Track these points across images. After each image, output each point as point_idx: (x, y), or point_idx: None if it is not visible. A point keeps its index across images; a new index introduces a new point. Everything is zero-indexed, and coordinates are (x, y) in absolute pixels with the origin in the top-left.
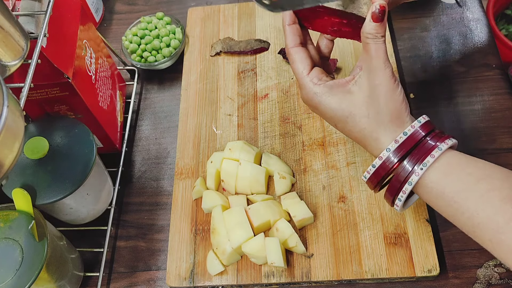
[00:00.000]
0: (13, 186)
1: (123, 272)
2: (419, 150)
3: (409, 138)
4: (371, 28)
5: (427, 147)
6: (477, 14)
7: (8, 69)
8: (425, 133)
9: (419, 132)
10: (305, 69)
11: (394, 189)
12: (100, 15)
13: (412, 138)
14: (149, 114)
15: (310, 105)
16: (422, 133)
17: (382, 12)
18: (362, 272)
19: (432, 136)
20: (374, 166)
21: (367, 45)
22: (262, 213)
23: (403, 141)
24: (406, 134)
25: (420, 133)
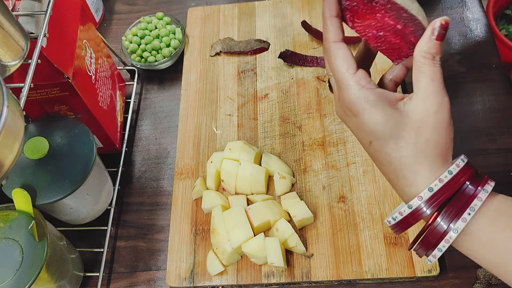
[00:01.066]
0: (13, 186)
1: (123, 272)
2: (459, 198)
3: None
4: (431, 47)
5: (468, 193)
6: (477, 14)
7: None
8: (467, 177)
9: (461, 176)
10: (351, 67)
11: (429, 244)
12: (100, 15)
13: (453, 182)
14: (149, 114)
15: (349, 111)
16: (464, 177)
17: (446, 29)
18: (362, 272)
19: (471, 180)
20: (402, 214)
21: (424, 66)
22: (262, 213)
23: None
24: (451, 173)
25: (461, 177)
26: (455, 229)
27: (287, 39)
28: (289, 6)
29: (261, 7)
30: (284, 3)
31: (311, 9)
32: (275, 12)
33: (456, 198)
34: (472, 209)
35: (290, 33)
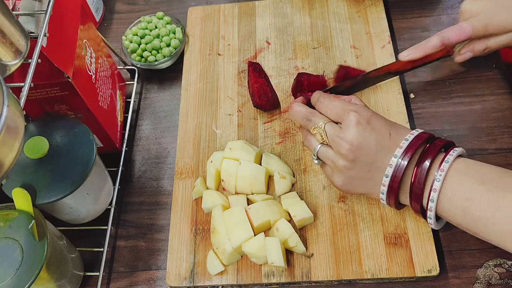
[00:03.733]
0: (13, 185)
1: (123, 272)
2: (430, 148)
3: (414, 140)
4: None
5: (437, 145)
6: None
7: (8, 68)
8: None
9: (422, 135)
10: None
11: (417, 195)
12: (100, 14)
13: (417, 139)
14: (149, 113)
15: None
16: (425, 135)
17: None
18: (362, 272)
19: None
20: (387, 175)
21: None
22: (262, 213)
23: (408, 143)
24: (407, 140)
25: (423, 135)
26: (438, 178)
27: (287, 39)
28: (289, 5)
29: (261, 7)
30: (284, 3)
31: (312, 8)
32: (276, 12)
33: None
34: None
35: (291, 33)
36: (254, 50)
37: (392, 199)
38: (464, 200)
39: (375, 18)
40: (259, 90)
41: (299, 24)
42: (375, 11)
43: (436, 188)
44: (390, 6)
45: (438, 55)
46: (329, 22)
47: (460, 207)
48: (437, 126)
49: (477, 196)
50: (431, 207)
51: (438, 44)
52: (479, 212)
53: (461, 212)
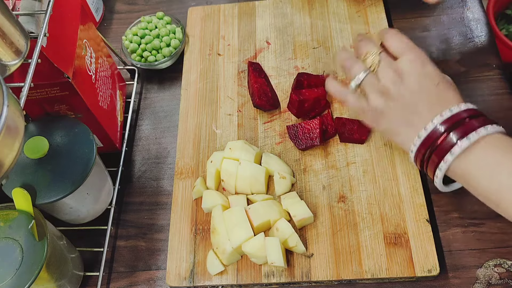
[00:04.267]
0: (13, 185)
1: (123, 272)
2: (463, 126)
3: (454, 116)
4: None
5: (473, 125)
6: (478, 14)
7: (8, 68)
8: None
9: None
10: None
11: (437, 159)
12: (100, 14)
13: (456, 115)
14: (149, 113)
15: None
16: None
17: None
18: (362, 272)
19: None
20: (420, 137)
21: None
22: (262, 213)
23: (448, 117)
24: (451, 111)
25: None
26: (460, 145)
27: (287, 39)
28: (289, 5)
29: (261, 7)
30: (284, 3)
31: (312, 8)
32: (276, 12)
33: (463, 125)
34: (478, 132)
35: (291, 33)
36: (254, 50)
37: (419, 160)
38: (495, 164)
39: (375, 18)
40: (259, 90)
41: (299, 24)
42: (375, 11)
43: (454, 152)
44: (390, 6)
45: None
46: (329, 22)
47: (488, 171)
48: None
49: (509, 163)
50: (442, 167)
51: None
52: (507, 178)
53: (487, 176)
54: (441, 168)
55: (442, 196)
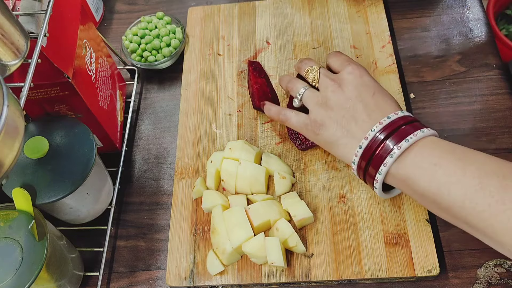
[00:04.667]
0: (13, 185)
1: (123, 272)
2: (402, 131)
3: (392, 123)
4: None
5: (409, 130)
6: (477, 14)
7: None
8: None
9: (400, 119)
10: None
11: (377, 165)
12: (100, 14)
13: (394, 122)
14: (149, 113)
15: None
16: (402, 121)
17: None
18: (362, 272)
19: (411, 125)
20: (361, 147)
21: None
22: (262, 213)
23: (387, 124)
24: (389, 118)
25: (400, 120)
26: (399, 146)
27: (287, 39)
28: (289, 5)
29: (261, 7)
30: (284, 3)
31: (312, 8)
32: (276, 12)
33: (399, 131)
34: (415, 134)
35: (291, 33)
36: (254, 50)
37: (361, 170)
38: (432, 165)
39: (375, 18)
40: (259, 91)
41: (299, 24)
42: (375, 11)
43: (394, 155)
44: (390, 6)
45: None
46: (329, 22)
47: (427, 171)
48: (437, 126)
49: (445, 163)
50: (382, 171)
51: None
52: (445, 177)
53: (426, 177)
54: (381, 172)
55: None
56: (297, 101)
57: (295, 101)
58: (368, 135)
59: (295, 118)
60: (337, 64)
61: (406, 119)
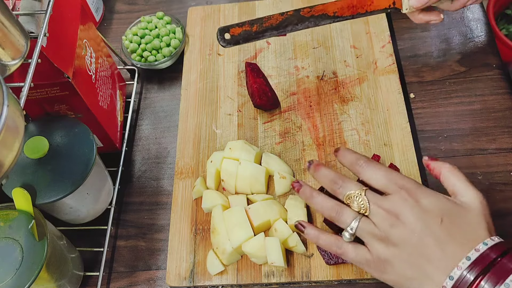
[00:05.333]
0: (13, 185)
1: (123, 272)
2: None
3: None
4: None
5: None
6: (477, 14)
7: (8, 68)
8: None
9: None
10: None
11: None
12: (100, 14)
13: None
14: (149, 113)
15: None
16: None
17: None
18: (362, 272)
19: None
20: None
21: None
22: (262, 212)
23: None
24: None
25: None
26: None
27: (287, 39)
28: (289, 5)
29: (261, 7)
30: (284, 3)
31: None
32: (276, 12)
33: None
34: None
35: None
36: (254, 50)
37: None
38: None
39: (375, 18)
40: (258, 90)
41: None
42: None
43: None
44: None
45: (384, 3)
46: None
47: None
48: (437, 126)
49: None
50: None
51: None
52: None
53: None
54: None
55: None
56: (348, 235)
57: (345, 235)
58: (454, 273)
59: (354, 253)
60: (379, 182)
61: (498, 248)
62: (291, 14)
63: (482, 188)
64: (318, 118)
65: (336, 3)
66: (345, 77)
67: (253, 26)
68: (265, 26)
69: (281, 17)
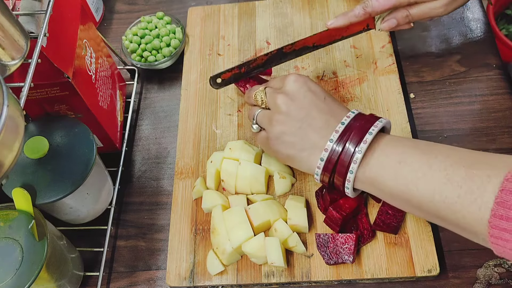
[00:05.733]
0: (13, 185)
1: (123, 272)
2: (357, 132)
3: (347, 127)
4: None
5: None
6: (477, 14)
7: (8, 68)
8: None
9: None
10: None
11: (341, 174)
12: (100, 14)
13: (349, 126)
14: (149, 113)
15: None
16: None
17: None
18: (362, 272)
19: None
20: (323, 159)
21: None
22: (262, 213)
23: (342, 130)
24: (343, 124)
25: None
26: (359, 150)
27: (287, 39)
28: (289, 5)
29: (261, 7)
30: (284, 3)
31: (312, 8)
32: (276, 12)
33: (355, 132)
34: (370, 133)
35: (291, 33)
36: (254, 50)
37: (326, 178)
38: (397, 163)
39: None
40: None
41: (299, 24)
42: None
43: (357, 160)
44: None
45: (358, 28)
46: None
47: (392, 170)
48: (437, 126)
49: (410, 159)
50: (350, 178)
51: (361, 12)
52: (411, 173)
53: (393, 176)
54: (349, 179)
55: None
56: (254, 126)
57: (253, 127)
58: (328, 146)
59: (258, 136)
60: (277, 82)
61: (358, 118)
62: (274, 53)
63: None
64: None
65: (314, 36)
66: (345, 77)
67: (241, 68)
68: (252, 66)
69: (265, 57)
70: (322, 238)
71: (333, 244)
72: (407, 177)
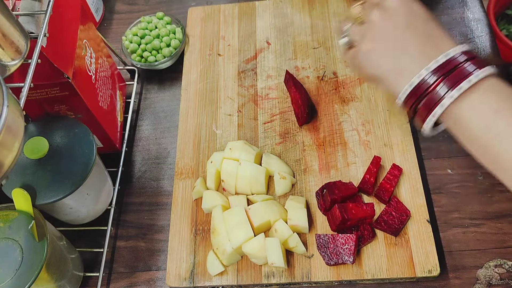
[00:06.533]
0: (13, 186)
1: (123, 272)
2: (458, 72)
3: (449, 61)
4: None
5: (468, 70)
6: (478, 14)
7: (8, 69)
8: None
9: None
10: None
11: (428, 107)
12: (100, 15)
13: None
14: (149, 114)
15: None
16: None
17: None
18: (362, 272)
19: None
20: (412, 85)
21: None
22: (262, 213)
23: (443, 62)
24: (447, 56)
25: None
26: (450, 96)
27: (287, 39)
28: (289, 5)
29: (261, 7)
30: (284, 3)
31: (312, 8)
32: (276, 12)
33: (456, 72)
34: (468, 81)
35: (291, 33)
36: (254, 50)
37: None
38: (493, 111)
39: None
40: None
41: (299, 24)
42: None
43: (453, 96)
44: None
45: None
46: (329, 22)
47: (485, 119)
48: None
49: (507, 111)
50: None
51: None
52: (505, 126)
53: (483, 125)
54: (435, 114)
55: (442, 196)
56: (342, 40)
57: (342, 40)
58: (422, 72)
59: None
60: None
61: (465, 55)
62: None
63: (483, 188)
64: (318, 118)
65: None
66: (346, 77)
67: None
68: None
69: None
70: (322, 238)
71: (333, 245)
72: (498, 128)
